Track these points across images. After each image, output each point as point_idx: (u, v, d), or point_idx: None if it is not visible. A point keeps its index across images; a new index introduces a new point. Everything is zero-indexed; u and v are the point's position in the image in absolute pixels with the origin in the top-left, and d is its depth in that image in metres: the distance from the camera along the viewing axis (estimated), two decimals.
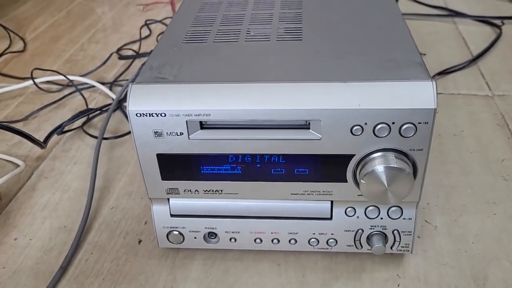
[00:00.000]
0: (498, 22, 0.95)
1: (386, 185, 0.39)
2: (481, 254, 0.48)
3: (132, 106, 0.39)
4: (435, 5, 1.04)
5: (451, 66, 0.80)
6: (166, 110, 0.39)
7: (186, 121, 0.39)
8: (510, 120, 0.67)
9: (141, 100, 0.39)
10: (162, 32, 0.81)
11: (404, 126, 0.38)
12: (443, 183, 0.57)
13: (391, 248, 0.46)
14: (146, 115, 0.39)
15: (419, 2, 1.05)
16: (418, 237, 0.50)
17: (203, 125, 0.40)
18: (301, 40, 0.46)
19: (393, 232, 0.45)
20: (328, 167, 0.41)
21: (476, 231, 0.51)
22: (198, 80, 0.40)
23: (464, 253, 0.48)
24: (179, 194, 0.44)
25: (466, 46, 0.88)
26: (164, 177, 0.43)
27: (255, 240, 0.47)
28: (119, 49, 0.92)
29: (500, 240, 0.50)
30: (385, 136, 0.38)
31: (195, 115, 0.39)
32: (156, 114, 0.39)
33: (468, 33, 0.92)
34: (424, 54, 0.84)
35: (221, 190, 0.44)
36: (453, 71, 0.80)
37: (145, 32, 0.99)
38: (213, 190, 0.44)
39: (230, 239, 0.47)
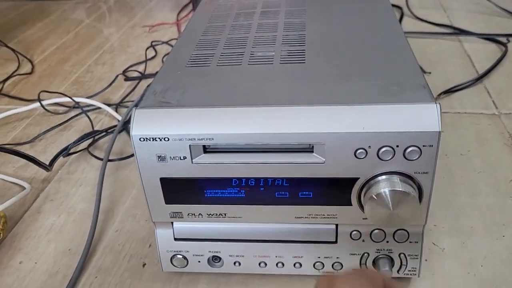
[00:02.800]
0: (503, 39, 0.94)
1: (391, 209, 0.38)
2: (491, 278, 0.47)
3: (135, 130, 0.39)
4: (440, 23, 1.04)
5: (457, 85, 0.80)
6: (169, 134, 0.39)
7: (189, 145, 0.39)
8: None
9: (145, 125, 0.39)
10: (168, 53, 0.82)
11: (409, 149, 0.37)
12: (451, 204, 0.56)
13: (398, 272, 0.45)
14: (150, 140, 0.39)
15: (424, 21, 1.06)
16: (426, 260, 0.49)
17: (206, 149, 0.40)
18: (304, 62, 0.46)
19: (399, 255, 0.44)
20: (332, 191, 0.40)
21: (485, 254, 0.50)
22: (201, 104, 0.40)
23: (473, 277, 0.47)
24: (182, 218, 0.44)
25: (472, 64, 0.87)
26: (167, 201, 0.43)
27: (259, 264, 0.46)
28: (125, 71, 0.93)
29: (510, 263, 0.49)
30: (390, 159, 0.38)
31: (198, 139, 0.39)
32: (159, 138, 0.39)
33: (473, 51, 0.92)
34: (430, 73, 0.84)
35: (225, 214, 0.43)
36: (458, 89, 0.79)
37: (151, 53, 0.99)
38: (216, 214, 0.43)
39: (235, 263, 0.46)
